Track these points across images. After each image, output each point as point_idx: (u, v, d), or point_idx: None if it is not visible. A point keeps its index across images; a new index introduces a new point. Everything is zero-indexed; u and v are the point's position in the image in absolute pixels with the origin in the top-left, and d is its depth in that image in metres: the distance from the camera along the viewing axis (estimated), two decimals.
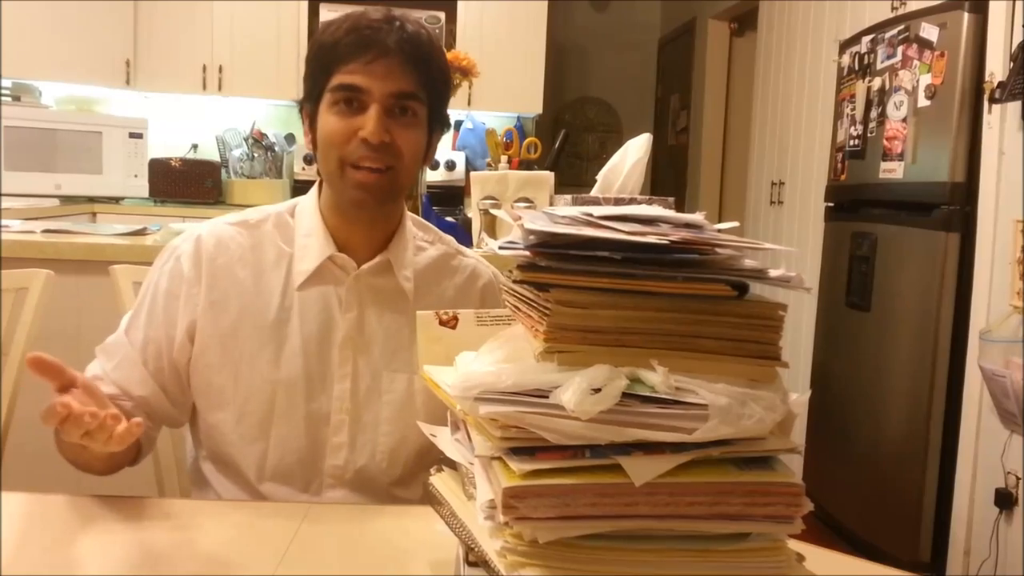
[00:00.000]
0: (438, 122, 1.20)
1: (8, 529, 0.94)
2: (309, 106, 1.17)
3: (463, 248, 1.32)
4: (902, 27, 2.71)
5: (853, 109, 2.99)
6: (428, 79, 1.14)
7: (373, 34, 1.09)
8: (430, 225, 1.31)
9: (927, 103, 2.58)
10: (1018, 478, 2.21)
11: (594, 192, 1.98)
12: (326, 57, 1.12)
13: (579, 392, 0.62)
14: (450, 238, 1.32)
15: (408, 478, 1.20)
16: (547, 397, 0.64)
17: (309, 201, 1.23)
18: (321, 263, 1.18)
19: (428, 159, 1.23)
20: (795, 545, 0.70)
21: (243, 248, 1.19)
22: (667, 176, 5.95)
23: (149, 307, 1.19)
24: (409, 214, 1.27)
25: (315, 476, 1.18)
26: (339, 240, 1.20)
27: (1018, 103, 2.25)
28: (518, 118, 5.09)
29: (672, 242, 0.65)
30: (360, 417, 1.18)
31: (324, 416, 1.17)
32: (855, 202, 3.05)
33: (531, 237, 0.68)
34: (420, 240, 1.27)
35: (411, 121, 1.14)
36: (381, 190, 1.14)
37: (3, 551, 0.88)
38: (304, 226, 1.21)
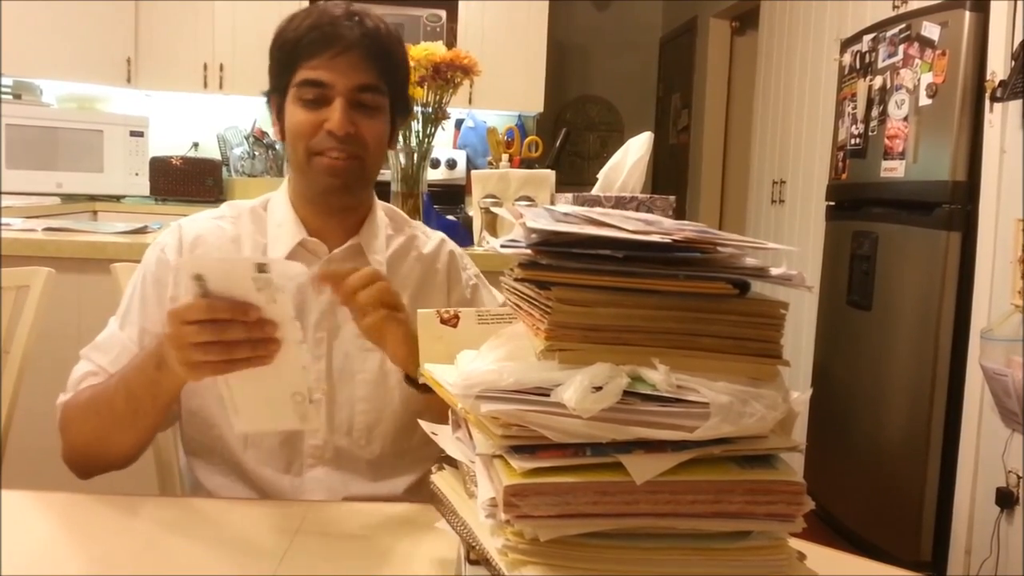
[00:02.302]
0: (401, 109, 1.25)
1: (8, 527, 0.94)
2: (276, 98, 1.21)
3: (427, 228, 1.38)
4: (903, 26, 2.71)
5: (854, 108, 2.99)
6: (389, 70, 1.19)
7: (335, 30, 1.14)
8: (397, 210, 1.36)
9: (928, 102, 2.58)
10: (1019, 477, 2.21)
11: (595, 191, 1.97)
12: (290, 52, 1.16)
13: (580, 390, 0.62)
14: (417, 222, 1.37)
15: (388, 457, 1.22)
16: (548, 395, 0.64)
17: (280, 194, 1.27)
18: (292, 249, 1.21)
19: (392, 144, 1.28)
20: (796, 544, 0.70)
21: (223, 240, 1.24)
22: (668, 175, 5.95)
23: (140, 298, 1.20)
24: (380, 203, 1.31)
25: (296, 456, 1.20)
26: (311, 229, 1.24)
27: (1019, 102, 2.24)
28: (519, 116, 5.09)
29: (675, 240, 0.65)
30: (336, 396, 1.21)
31: None
32: (856, 201, 3.05)
33: (533, 235, 0.68)
34: (389, 228, 1.31)
35: (374, 112, 1.18)
36: (350, 175, 1.18)
37: (3, 549, 0.88)
38: (276, 217, 1.25)
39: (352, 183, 1.19)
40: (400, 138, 2.12)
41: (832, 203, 3.25)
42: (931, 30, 2.57)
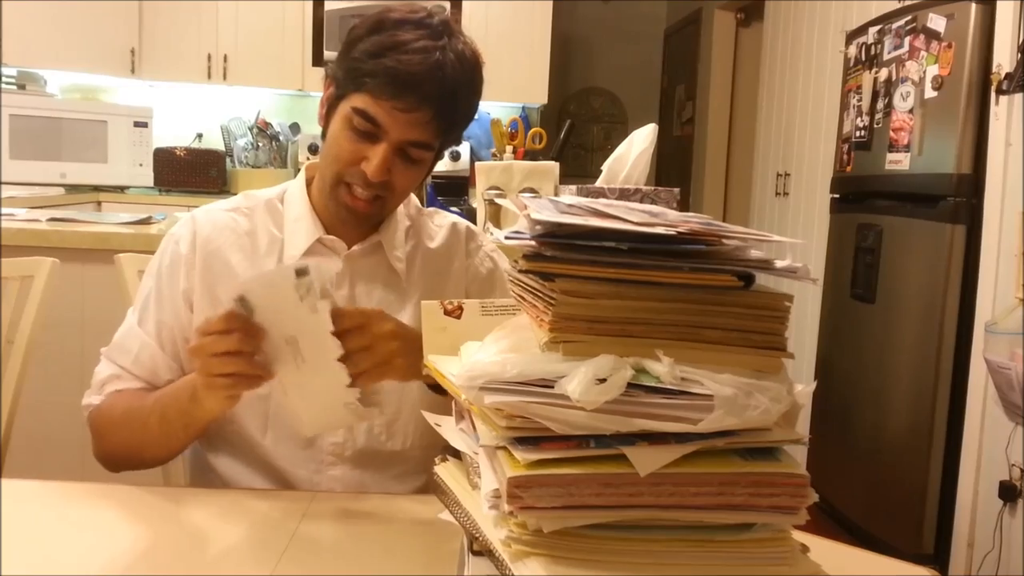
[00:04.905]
0: (447, 147, 1.21)
1: (10, 516, 0.94)
2: (333, 90, 1.15)
3: (440, 213, 1.34)
4: (909, 18, 2.70)
5: (859, 100, 2.98)
6: (450, 127, 1.13)
7: (411, 83, 1.06)
8: (411, 196, 1.32)
9: (934, 94, 2.57)
10: (1022, 470, 2.20)
11: (599, 182, 1.96)
12: (358, 74, 1.09)
13: (584, 382, 0.62)
14: (430, 208, 1.35)
15: (409, 453, 1.21)
16: (552, 387, 0.64)
17: (297, 186, 1.24)
18: (311, 245, 1.19)
19: (425, 179, 1.26)
20: (799, 536, 0.70)
21: (238, 233, 1.21)
22: (672, 167, 5.94)
23: (155, 292, 1.20)
24: None
25: (316, 454, 1.19)
26: (328, 224, 1.21)
27: None
28: (523, 108, 5.08)
29: (679, 232, 0.65)
30: None
31: None
32: (861, 194, 3.04)
33: (537, 227, 0.68)
34: (407, 219, 1.28)
35: (415, 163, 1.14)
36: (368, 216, 1.17)
37: (5, 539, 0.88)
38: (293, 211, 1.22)
39: (369, 221, 1.19)
40: None
41: (836, 196, 3.24)
42: (937, 22, 2.56)
